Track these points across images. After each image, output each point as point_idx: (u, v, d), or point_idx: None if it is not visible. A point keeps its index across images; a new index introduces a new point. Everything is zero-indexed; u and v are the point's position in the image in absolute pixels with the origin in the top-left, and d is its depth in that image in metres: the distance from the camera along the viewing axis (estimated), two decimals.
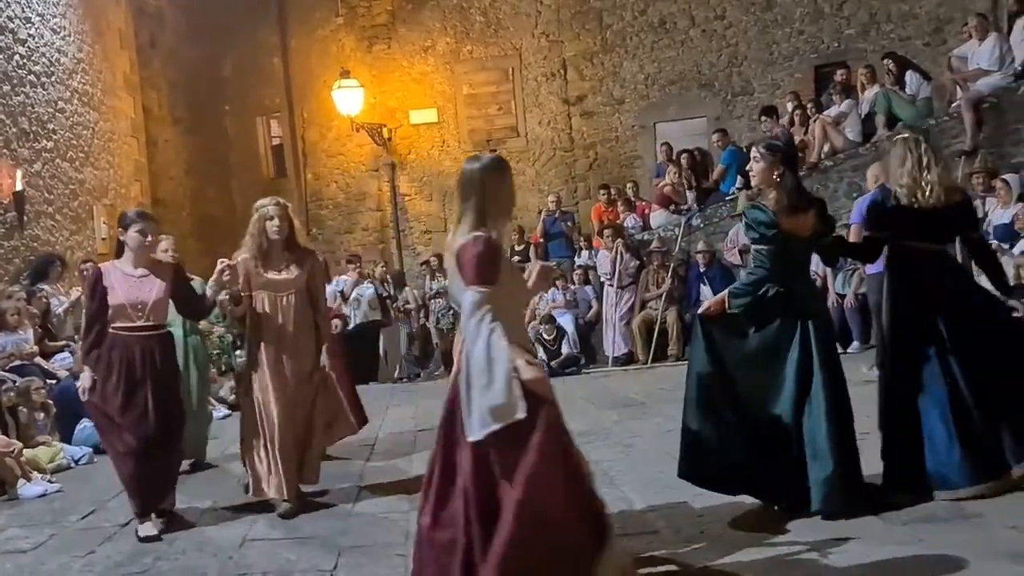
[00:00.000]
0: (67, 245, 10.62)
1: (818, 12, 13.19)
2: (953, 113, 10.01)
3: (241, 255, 5.16)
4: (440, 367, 12.01)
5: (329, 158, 15.06)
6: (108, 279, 4.85)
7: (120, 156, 12.60)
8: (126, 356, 4.79)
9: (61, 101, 10.94)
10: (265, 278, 5.15)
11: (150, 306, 4.84)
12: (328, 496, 5.42)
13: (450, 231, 3.42)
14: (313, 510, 5.13)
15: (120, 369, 4.77)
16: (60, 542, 4.94)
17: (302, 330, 5.19)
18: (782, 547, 3.89)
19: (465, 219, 3.33)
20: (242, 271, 5.12)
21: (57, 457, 6.79)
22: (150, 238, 4.96)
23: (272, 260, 5.18)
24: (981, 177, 9.03)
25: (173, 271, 5.05)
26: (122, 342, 4.80)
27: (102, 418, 4.87)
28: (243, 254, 5.17)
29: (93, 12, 12.05)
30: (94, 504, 5.62)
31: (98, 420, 4.94)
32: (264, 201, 5.26)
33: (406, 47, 14.56)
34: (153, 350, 4.84)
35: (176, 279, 5.02)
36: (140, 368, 4.79)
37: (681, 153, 12.26)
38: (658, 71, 13.87)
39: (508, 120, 14.59)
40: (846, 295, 9.57)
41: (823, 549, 3.77)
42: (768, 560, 3.77)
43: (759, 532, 4.09)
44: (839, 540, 3.85)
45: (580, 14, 14.03)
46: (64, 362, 8.03)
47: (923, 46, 12.60)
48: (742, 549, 3.90)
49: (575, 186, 14.34)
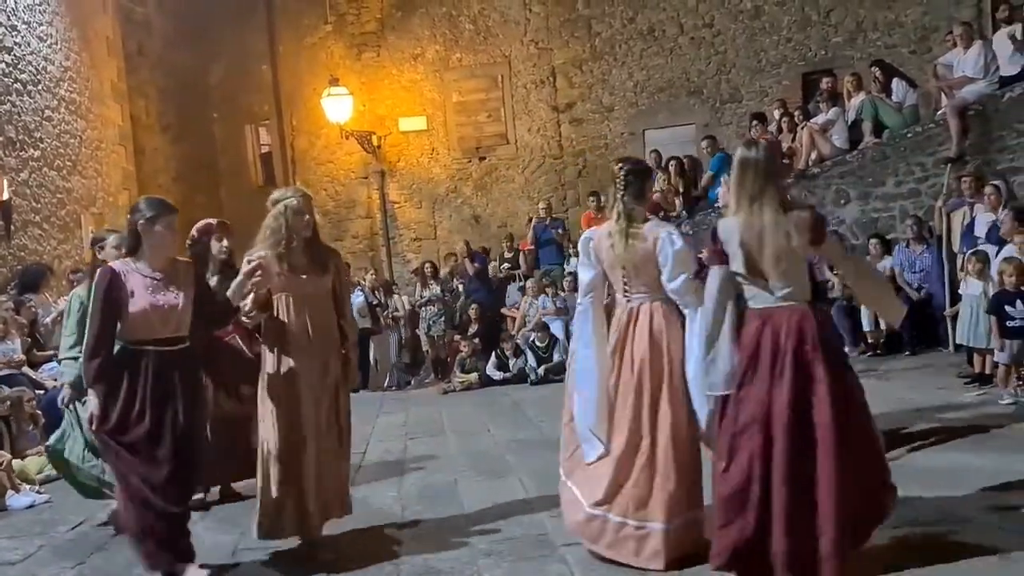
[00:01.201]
0: (55, 254, 10.58)
1: (805, 20, 13.29)
2: (939, 120, 10.09)
3: (258, 253, 4.33)
4: (431, 375, 12.01)
5: (318, 166, 15.06)
6: (126, 282, 3.98)
7: (108, 164, 12.56)
8: (148, 376, 3.97)
9: (48, 109, 10.91)
10: (289, 280, 4.38)
11: (177, 314, 4.04)
12: None
13: (732, 209, 3.63)
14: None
15: (143, 393, 3.95)
16: (49, 553, 4.91)
17: (328, 338, 4.47)
18: None
19: (768, 201, 3.50)
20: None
21: (46, 468, 6.73)
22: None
23: (295, 259, 4.40)
24: (968, 182, 9.10)
25: (194, 272, 4.23)
26: (143, 359, 3.99)
27: (118, 452, 4.00)
28: (261, 251, 4.34)
29: (80, 20, 12.03)
30: (84, 514, 5.58)
31: (112, 455, 4.05)
32: (286, 192, 4.53)
33: (395, 55, 14.58)
34: (178, 368, 4.03)
35: (198, 281, 4.22)
36: (165, 390, 3.98)
37: (670, 160, 12.32)
38: (647, 78, 13.94)
39: (497, 127, 14.62)
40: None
41: None
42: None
43: None
44: None
45: (569, 22, 14.09)
46: (52, 372, 7.97)
47: (909, 54, 12.72)
48: None
49: (564, 193, 14.38)
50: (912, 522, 4.00)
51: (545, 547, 4.26)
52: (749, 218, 3.52)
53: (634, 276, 3.96)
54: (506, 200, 14.55)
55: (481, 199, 14.64)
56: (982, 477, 4.68)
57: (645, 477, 3.83)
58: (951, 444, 5.59)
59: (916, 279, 9.64)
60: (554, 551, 4.19)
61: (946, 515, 4.15)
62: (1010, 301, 6.94)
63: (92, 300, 4.04)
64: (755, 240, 3.50)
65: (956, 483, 4.60)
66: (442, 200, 14.74)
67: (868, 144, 10.56)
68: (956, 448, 5.48)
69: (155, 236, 4.03)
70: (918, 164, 10.09)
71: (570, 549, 4.16)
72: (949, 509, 4.24)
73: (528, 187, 14.44)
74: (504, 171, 14.60)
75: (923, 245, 9.66)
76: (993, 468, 4.83)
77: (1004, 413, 6.30)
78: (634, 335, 3.95)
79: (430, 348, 12.06)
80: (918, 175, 10.10)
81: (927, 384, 7.74)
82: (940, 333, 9.50)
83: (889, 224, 10.26)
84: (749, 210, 3.53)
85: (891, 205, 10.28)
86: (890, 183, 10.26)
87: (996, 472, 4.75)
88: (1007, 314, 6.94)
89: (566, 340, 11.04)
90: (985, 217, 8.59)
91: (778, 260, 3.47)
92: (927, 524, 4.03)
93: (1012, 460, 4.97)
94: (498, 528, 4.62)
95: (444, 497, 5.35)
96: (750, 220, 3.52)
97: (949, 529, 3.97)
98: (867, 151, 10.50)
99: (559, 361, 10.72)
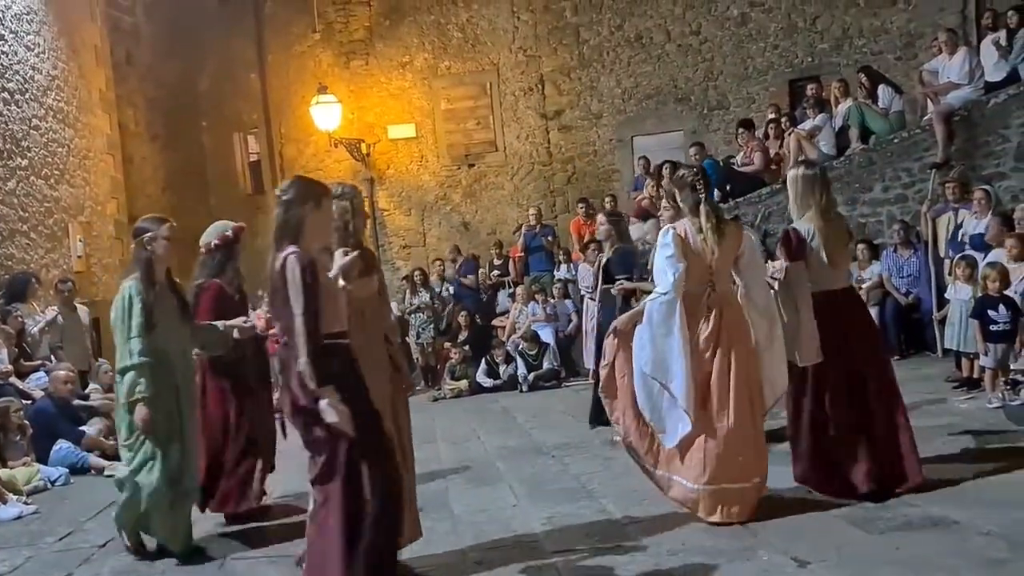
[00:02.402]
0: (42, 263, 10.51)
1: (792, 27, 13.37)
2: (925, 126, 10.16)
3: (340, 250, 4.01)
4: (421, 382, 11.99)
5: (307, 174, 14.95)
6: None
7: (96, 173, 12.51)
8: (356, 372, 3.60)
9: (36, 119, 10.86)
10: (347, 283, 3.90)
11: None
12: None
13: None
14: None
15: (363, 391, 3.55)
16: (37, 564, 4.88)
17: (379, 346, 4.17)
18: (763, 558, 3.92)
19: (832, 206, 4.86)
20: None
21: (34, 478, 6.70)
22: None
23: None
24: (953, 187, 9.16)
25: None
26: (345, 352, 3.58)
27: (351, 456, 3.42)
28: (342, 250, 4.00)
29: (68, 29, 11.99)
30: (71, 526, 5.55)
31: (340, 460, 3.42)
32: (345, 189, 4.24)
33: (384, 62, 14.59)
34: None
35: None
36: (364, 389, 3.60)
37: (664, 163, 12.24)
38: (635, 86, 13.99)
39: (486, 135, 14.64)
40: None
41: (804, 560, 3.81)
42: (750, 571, 3.81)
43: (741, 542, 4.13)
44: (819, 550, 3.90)
45: (557, 29, 14.14)
46: (39, 382, 7.94)
47: (895, 60, 12.81)
48: (723, 560, 3.93)
49: (553, 200, 14.41)
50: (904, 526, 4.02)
51: (536, 555, 4.26)
52: (821, 221, 4.62)
53: (721, 268, 4.51)
54: (495, 207, 14.56)
55: (470, 206, 14.65)
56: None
57: (741, 446, 4.39)
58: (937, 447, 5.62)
59: (904, 284, 9.70)
60: (545, 559, 4.19)
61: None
62: (993, 306, 6.98)
63: (302, 286, 3.38)
64: (826, 239, 4.59)
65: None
66: (431, 207, 14.74)
67: (855, 150, 10.63)
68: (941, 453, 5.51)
69: (322, 215, 3.66)
70: (904, 170, 10.16)
71: (562, 555, 4.16)
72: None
73: (517, 194, 14.47)
74: (493, 178, 14.62)
75: (910, 250, 9.72)
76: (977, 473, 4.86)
77: (991, 417, 6.34)
78: (721, 322, 4.46)
79: (420, 355, 12.04)
80: (904, 180, 10.17)
81: (916, 389, 7.76)
82: (928, 338, 9.56)
83: (876, 229, 10.33)
84: (819, 215, 4.64)
85: (878, 210, 10.35)
86: (877, 189, 10.33)
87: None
88: (990, 318, 6.98)
89: (556, 347, 11.06)
90: (972, 223, 8.64)
91: (843, 254, 4.80)
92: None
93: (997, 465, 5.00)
94: (488, 535, 4.62)
95: (434, 504, 5.34)
96: (821, 223, 4.62)
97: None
98: (854, 157, 10.56)
99: (549, 368, 10.74)
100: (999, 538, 3.84)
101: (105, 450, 7.40)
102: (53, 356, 8.51)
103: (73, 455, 7.14)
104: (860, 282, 9.90)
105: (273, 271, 3.47)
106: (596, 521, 4.69)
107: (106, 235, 12.62)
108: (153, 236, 4.57)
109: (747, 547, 4.07)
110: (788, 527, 4.27)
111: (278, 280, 3.43)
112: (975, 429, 6.00)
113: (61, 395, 7.58)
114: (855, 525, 4.21)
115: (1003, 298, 7.01)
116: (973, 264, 7.74)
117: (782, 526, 4.29)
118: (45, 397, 7.55)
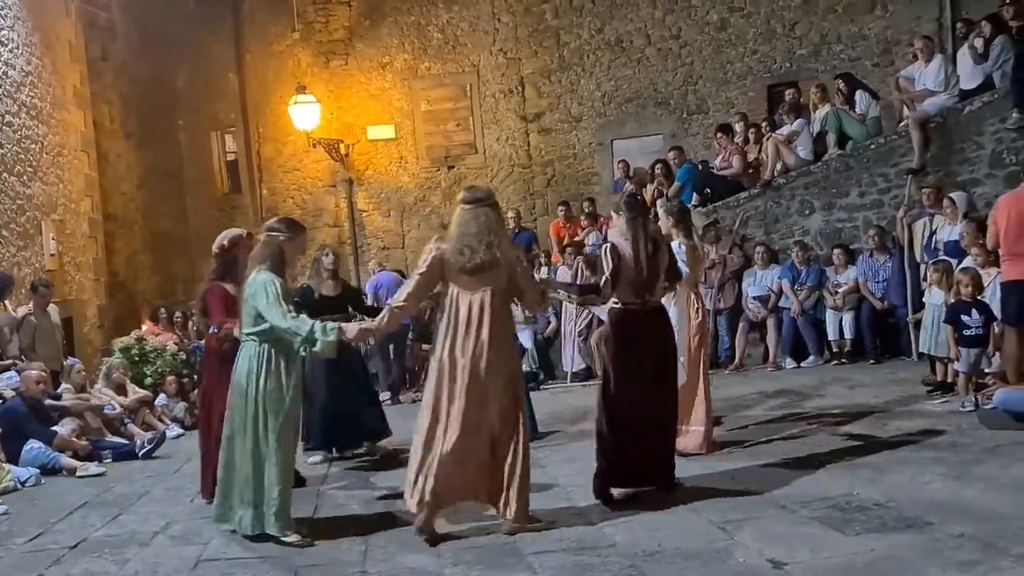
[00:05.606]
0: (14, 261, 10.37)
1: (771, 32, 13.45)
2: (901, 132, 10.25)
3: (438, 245, 5.08)
4: (405, 385, 11.90)
5: (285, 174, 14.94)
6: None
7: (70, 171, 12.36)
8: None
9: (8, 115, 10.71)
10: (461, 274, 4.93)
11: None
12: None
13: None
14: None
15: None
16: (7, 565, 4.80)
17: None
18: (739, 560, 3.93)
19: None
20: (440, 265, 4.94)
21: (4, 479, 6.60)
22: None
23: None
24: (928, 193, 9.26)
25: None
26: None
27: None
28: (442, 245, 5.05)
29: (43, 24, 11.85)
30: (41, 527, 5.47)
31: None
32: (484, 194, 5.25)
33: (363, 63, 14.54)
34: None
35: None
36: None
37: (656, 163, 12.24)
38: (615, 89, 14.02)
39: (466, 137, 14.62)
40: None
41: (779, 561, 3.83)
42: (725, 573, 3.82)
43: (716, 544, 4.14)
44: (794, 551, 3.92)
45: (537, 32, 14.15)
46: (10, 382, 7.81)
47: (872, 66, 12.91)
48: (699, 563, 3.93)
49: (533, 202, 14.41)
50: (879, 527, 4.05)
51: (512, 555, 4.25)
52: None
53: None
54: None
55: (450, 208, 14.55)
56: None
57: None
58: (911, 450, 5.67)
59: (879, 288, 9.78)
60: (521, 559, 4.18)
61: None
62: (965, 311, 7.06)
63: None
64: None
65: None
66: (410, 209, 14.69)
67: (832, 155, 10.71)
68: (916, 454, 5.55)
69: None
70: (881, 175, 10.25)
71: (538, 557, 4.15)
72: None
73: (497, 196, 14.39)
74: (473, 180, 14.55)
75: (886, 255, 9.80)
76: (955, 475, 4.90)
77: (965, 421, 6.40)
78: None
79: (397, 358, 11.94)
80: (881, 186, 10.26)
81: (891, 392, 7.84)
82: (903, 342, 9.64)
83: (853, 234, 10.40)
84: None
85: (855, 215, 10.43)
86: (853, 194, 10.41)
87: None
88: (963, 323, 7.06)
89: (535, 349, 11.05)
90: (946, 231, 8.73)
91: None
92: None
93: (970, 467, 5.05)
94: (465, 536, 4.60)
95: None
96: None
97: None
98: (831, 162, 10.64)
99: (528, 371, 10.71)
100: (972, 540, 3.88)
101: (76, 450, 7.31)
102: (24, 356, 8.38)
103: (44, 455, 7.04)
104: (836, 286, 10.01)
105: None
106: (572, 523, 4.69)
107: (79, 233, 12.48)
108: (290, 237, 5.05)
109: (723, 549, 4.08)
110: (763, 529, 4.29)
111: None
112: (948, 432, 6.07)
113: (32, 395, 7.48)
114: (830, 527, 4.24)
115: (976, 303, 7.08)
116: (948, 269, 7.82)
117: (757, 528, 4.31)
118: (16, 397, 7.44)
